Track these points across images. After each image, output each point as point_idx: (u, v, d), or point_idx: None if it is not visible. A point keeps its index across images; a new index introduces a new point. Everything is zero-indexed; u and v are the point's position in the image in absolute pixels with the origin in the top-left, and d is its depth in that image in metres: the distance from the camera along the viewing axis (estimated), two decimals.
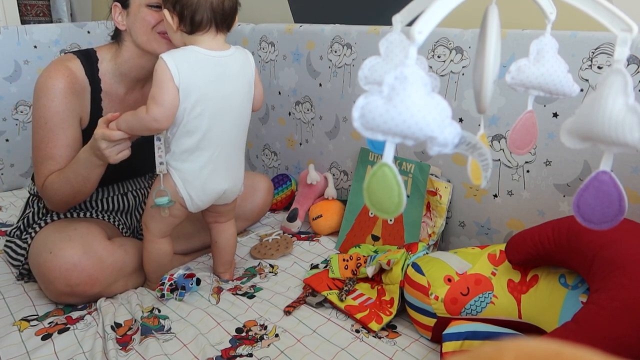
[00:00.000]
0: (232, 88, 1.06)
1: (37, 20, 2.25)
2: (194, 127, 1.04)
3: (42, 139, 1.12)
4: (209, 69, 1.02)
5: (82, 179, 1.09)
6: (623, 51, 0.47)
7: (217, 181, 1.11)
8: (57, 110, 1.11)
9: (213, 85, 1.03)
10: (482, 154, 0.51)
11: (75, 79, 1.14)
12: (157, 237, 1.16)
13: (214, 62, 1.03)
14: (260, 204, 1.49)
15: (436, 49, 1.27)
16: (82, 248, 1.09)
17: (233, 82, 1.06)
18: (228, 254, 1.27)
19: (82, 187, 1.11)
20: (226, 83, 1.05)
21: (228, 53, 1.05)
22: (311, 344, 1.02)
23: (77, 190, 1.11)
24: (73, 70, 1.14)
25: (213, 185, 1.11)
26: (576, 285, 0.90)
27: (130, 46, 1.16)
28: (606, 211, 0.48)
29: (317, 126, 1.62)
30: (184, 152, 1.06)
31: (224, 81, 1.04)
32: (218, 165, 1.10)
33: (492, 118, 1.20)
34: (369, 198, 0.44)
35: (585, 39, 1.04)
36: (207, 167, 1.09)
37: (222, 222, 1.24)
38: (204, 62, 1.01)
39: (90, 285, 1.10)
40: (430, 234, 1.32)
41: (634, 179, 1.01)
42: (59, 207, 1.19)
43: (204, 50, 1.02)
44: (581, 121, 0.48)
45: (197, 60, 1.01)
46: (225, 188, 1.13)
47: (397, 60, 0.55)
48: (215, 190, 1.12)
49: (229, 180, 1.14)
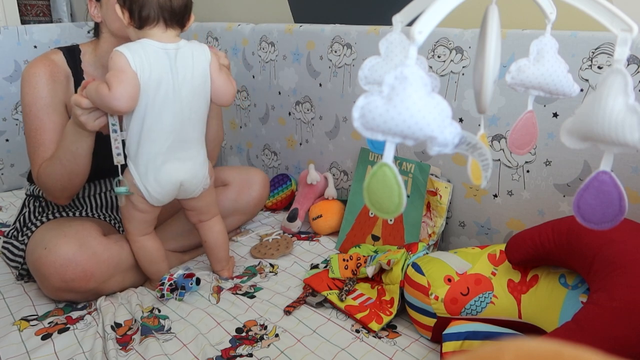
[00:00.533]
0: (181, 80, 1.06)
1: (37, 20, 2.25)
2: (143, 117, 1.05)
3: (30, 127, 1.16)
4: (160, 59, 1.04)
5: (70, 155, 1.09)
6: (623, 51, 0.47)
7: (171, 173, 1.10)
8: (41, 96, 1.15)
9: (163, 75, 1.05)
10: (482, 154, 0.51)
11: (56, 67, 1.19)
12: (136, 236, 1.18)
13: (164, 53, 1.05)
14: (256, 197, 1.49)
15: (436, 49, 1.27)
16: (77, 243, 1.09)
17: (182, 73, 1.06)
18: (220, 251, 1.28)
19: (73, 164, 1.11)
20: (175, 74, 1.06)
21: (178, 45, 1.07)
22: (311, 344, 1.02)
23: (69, 169, 1.11)
24: (54, 60, 1.20)
25: (166, 176, 1.10)
26: (576, 285, 0.90)
27: (108, 37, 1.22)
28: (606, 211, 0.48)
29: (317, 126, 1.62)
30: (134, 144, 1.07)
31: (173, 72, 1.06)
32: (169, 157, 1.09)
33: (492, 118, 1.20)
34: (369, 198, 0.44)
35: (585, 39, 1.04)
36: (157, 158, 1.08)
37: (205, 220, 1.25)
38: (155, 53, 1.04)
39: (86, 281, 1.10)
40: (430, 234, 1.32)
41: (634, 179, 1.01)
42: (57, 195, 1.17)
43: (155, 42, 1.04)
44: (581, 121, 0.48)
45: (148, 52, 1.03)
46: (181, 180, 1.12)
47: (397, 60, 0.55)
48: (170, 182, 1.11)
49: (183, 173, 1.12)
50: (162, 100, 1.05)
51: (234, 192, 1.44)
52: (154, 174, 1.09)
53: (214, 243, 1.26)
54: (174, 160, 1.10)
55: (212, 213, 1.25)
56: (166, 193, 1.12)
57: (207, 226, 1.25)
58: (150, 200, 1.12)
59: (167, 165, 1.10)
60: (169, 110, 1.06)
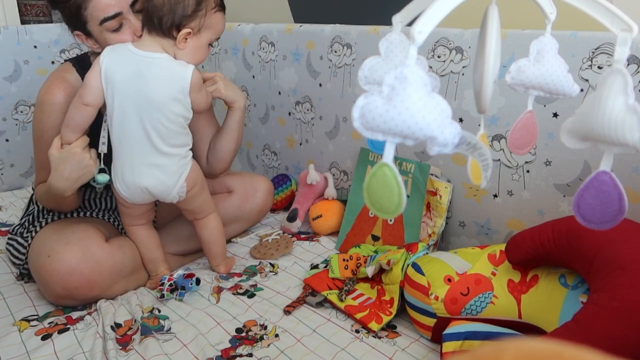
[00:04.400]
0: (149, 89, 1.07)
1: (37, 20, 2.24)
2: (110, 117, 1.09)
3: (39, 148, 1.20)
4: (129, 64, 1.06)
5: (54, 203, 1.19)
6: (623, 51, 0.47)
7: (134, 177, 1.11)
8: (53, 125, 1.17)
9: (129, 80, 1.06)
10: (482, 154, 0.51)
11: (73, 92, 1.17)
12: (129, 226, 1.23)
13: (136, 59, 1.07)
14: (260, 204, 1.49)
15: (436, 49, 1.27)
16: (80, 251, 1.09)
17: (150, 83, 1.07)
18: (214, 246, 1.29)
19: (59, 206, 1.20)
20: (143, 82, 1.06)
21: (155, 55, 1.07)
22: (311, 344, 1.02)
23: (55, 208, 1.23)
24: (70, 81, 1.19)
25: (131, 178, 1.12)
26: (576, 285, 0.90)
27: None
28: (606, 211, 0.48)
29: (317, 126, 1.62)
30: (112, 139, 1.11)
31: (141, 80, 1.06)
32: (139, 161, 1.11)
33: (492, 118, 1.20)
34: (369, 198, 0.44)
35: (585, 39, 1.04)
36: (126, 159, 1.11)
37: (200, 218, 1.26)
38: (127, 57, 1.07)
39: (89, 289, 1.11)
40: (430, 234, 1.32)
41: (634, 179, 1.01)
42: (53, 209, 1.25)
43: (132, 47, 1.08)
44: (581, 121, 0.48)
45: (121, 54, 1.07)
46: (146, 185, 1.12)
47: (397, 60, 0.55)
48: (135, 185, 1.12)
49: (148, 180, 1.12)
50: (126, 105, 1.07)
51: (237, 200, 1.43)
52: (121, 173, 1.12)
53: (208, 239, 1.28)
54: (142, 165, 1.11)
55: (207, 212, 1.26)
56: (135, 194, 1.14)
57: (202, 223, 1.27)
58: (123, 195, 1.15)
59: (135, 168, 1.11)
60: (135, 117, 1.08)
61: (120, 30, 1.10)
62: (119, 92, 1.06)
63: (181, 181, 1.16)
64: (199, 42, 1.11)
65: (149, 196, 1.15)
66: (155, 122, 1.08)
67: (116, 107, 1.07)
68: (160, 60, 1.07)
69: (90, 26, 1.10)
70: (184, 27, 1.07)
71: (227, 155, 1.36)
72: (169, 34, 1.07)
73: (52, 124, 1.16)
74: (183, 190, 1.17)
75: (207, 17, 1.10)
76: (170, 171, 1.14)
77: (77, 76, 1.20)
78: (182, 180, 1.16)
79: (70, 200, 1.17)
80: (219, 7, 1.14)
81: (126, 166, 1.11)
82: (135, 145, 1.10)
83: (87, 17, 1.08)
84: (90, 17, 1.08)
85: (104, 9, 1.06)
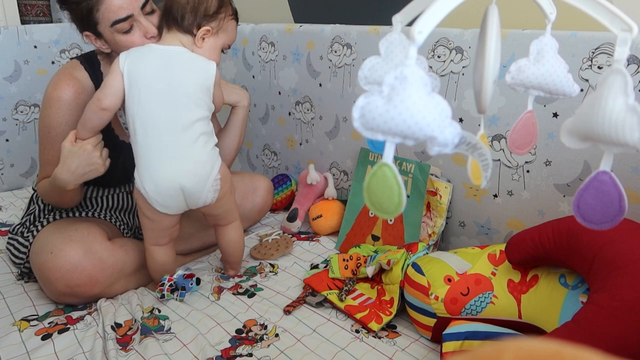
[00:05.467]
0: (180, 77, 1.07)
1: (37, 20, 2.24)
2: (133, 118, 1.06)
3: (45, 145, 1.19)
4: (155, 59, 1.07)
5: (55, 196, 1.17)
6: (623, 51, 0.47)
7: (165, 173, 1.06)
8: (60, 122, 1.17)
9: (156, 73, 1.06)
10: (482, 154, 0.51)
11: (81, 89, 1.18)
12: (149, 245, 1.16)
13: (160, 53, 1.08)
14: (260, 203, 1.49)
15: (436, 49, 1.27)
16: (83, 249, 1.09)
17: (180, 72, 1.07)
18: (230, 256, 1.27)
19: (60, 200, 1.19)
20: (172, 72, 1.07)
21: (179, 49, 1.10)
22: (311, 344, 1.02)
23: (56, 202, 1.21)
24: (79, 79, 1.19)
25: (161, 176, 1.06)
26: (576, 285, 0.90)
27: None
28: (606, 211, 0.48)
29: (317, 126, 1.62)
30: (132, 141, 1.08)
31: (169, 71, 1.07)
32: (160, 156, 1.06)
33: (492, 118, 1.20)
34: (369, 198, 0.44)
35: (585, 39, 1.04)
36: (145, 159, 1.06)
37: (222, 224, 1.23)
38: (150, 53, 1.08)
39: (91, 286, 1.11)
40: (430, 234, 1.32)
41: (634, 179, 1.01)
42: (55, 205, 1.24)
43: (154, 45, 1.10)
44: (581, 121, 0.48)
45: (143, 53, 1.07)
46: (182, 185, 1.07)
47: (397, 60, 0.55)
48: (166, 182, 1.06)
49: (180, 173, 1.07)
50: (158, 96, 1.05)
51: (237, 198, 1.42)
52: (150, 173, 1.06)
53: (225, 248, 1.26)
54: (172, 159, 1.06)
55: (230, 219, 1.22)
56: (164, 194, 1.07)
57: (222, 231, 1.24)
58: (150, 202, 1.08)
59: (166, 162, 1.06)
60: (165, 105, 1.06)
61: (130, 32, 1.11)
62: (146, 88, 1.05)
63: (214, 172, 1.10)
64: (216, 43, 1.14)
65: (180, 197, 1.08)
66: (184, 109, 1.07)
67: (143, 104, 1.05)
68: (185, 53, 1.10)
69: (101, 27, 1.11)
70: (204, 26, 1.10)
71: (230, 154, 1.36)
72: (189, 30, 1.10)
73: (59, 120, 1.16)
74: (217, 185, 1.11)
75: (225, 21, 1.14)
76: (202, 160, 1.09)
77: (86, 74, 1.21)
78: (216, 172, 1.10)
79: (72, 195, 1.16)
80: (235, 16, 1.19)
81: (156, 163, 1.06)
82: (165, 137, 1.05)
83: (99, 18, 1.09)
84: (101, 19, 1.09)
85: (116, 11, 1.07)
